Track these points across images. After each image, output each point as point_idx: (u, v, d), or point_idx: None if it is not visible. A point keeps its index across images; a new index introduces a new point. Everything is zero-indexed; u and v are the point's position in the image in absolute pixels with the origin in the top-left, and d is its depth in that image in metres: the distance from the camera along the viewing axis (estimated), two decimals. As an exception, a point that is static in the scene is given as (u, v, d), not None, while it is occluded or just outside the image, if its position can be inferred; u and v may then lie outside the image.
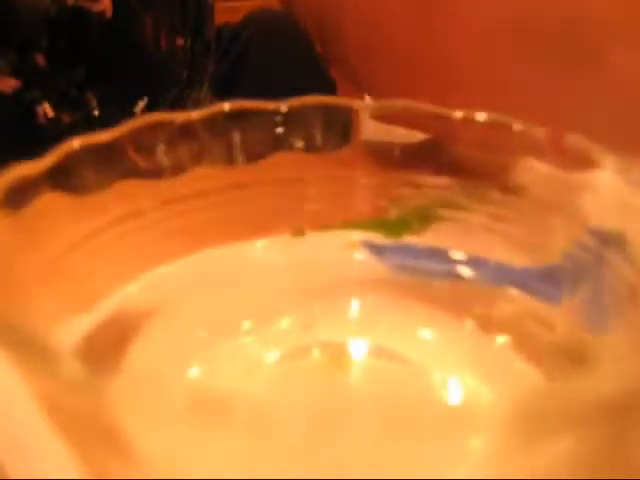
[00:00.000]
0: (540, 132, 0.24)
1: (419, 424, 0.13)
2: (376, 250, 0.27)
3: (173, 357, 0.23)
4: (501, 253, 0.26)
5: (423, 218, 0.28)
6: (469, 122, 0.25)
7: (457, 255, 0.27)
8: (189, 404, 0.14)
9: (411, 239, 0.27)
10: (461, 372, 0.24)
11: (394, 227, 0.28)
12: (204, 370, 0.23)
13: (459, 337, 0.24)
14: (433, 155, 0.27)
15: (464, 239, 0.27)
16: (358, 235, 0.28)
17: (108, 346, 0.22)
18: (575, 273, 0.24)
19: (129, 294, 0.24)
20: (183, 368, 0.23)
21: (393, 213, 0.28)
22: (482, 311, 0.25)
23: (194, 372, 0.23)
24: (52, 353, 0.15)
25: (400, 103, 0.27)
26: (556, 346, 0.24)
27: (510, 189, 0.27)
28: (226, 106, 0.26)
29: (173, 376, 0.14)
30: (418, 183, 0.28)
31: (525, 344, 0.24)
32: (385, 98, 0.27)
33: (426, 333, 0.25)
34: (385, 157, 0.28)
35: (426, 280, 0.26)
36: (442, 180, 0.27)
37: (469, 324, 0.25)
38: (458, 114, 0.25)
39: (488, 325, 0.25)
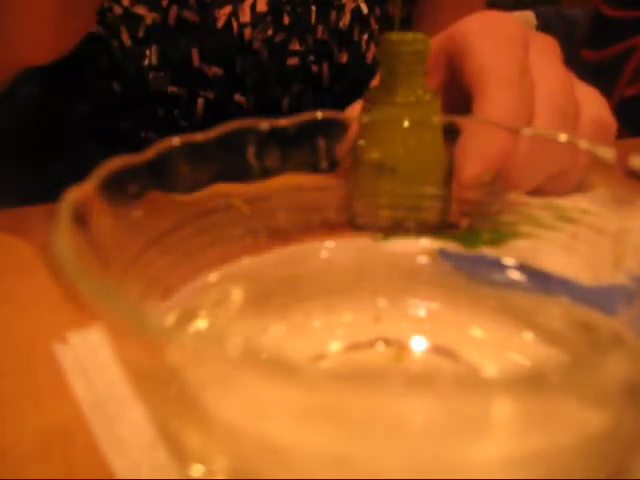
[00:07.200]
0: (608, 152, 0.25)
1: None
2: (452, 258, 0.29)
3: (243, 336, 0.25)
4: (572, 271, 0.27)
5: (506, 233, 0.29)
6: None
7: (527, 269, 0.28)
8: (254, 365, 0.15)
9: (488, 251, 0.28)
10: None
11: (474, 239, 0.29)
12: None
13: (516, 343, 0.26)
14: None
15: (539, 255, 0.28)
16: (437, 243, 0.29)
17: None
18: (635, 291, 0.25)
19: (209, 281, 0.26)
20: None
21: (477, 226, 0.29)
22: (542, 322, 0.26)
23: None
24: (142, 313, 0.17)
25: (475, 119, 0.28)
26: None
27: (588, 210, 0.27)
28: (318, 114, 0.28)
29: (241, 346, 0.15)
30: (507, 200, 0.29)
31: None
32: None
33: (485, 337, 0.26)
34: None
35: (493, 289, 0.27)
36: (529, 198, 0.28)
37: (528, 333, 0.26)
38: (527, 131, 0.26)
39: (546, 335, 0.26)
